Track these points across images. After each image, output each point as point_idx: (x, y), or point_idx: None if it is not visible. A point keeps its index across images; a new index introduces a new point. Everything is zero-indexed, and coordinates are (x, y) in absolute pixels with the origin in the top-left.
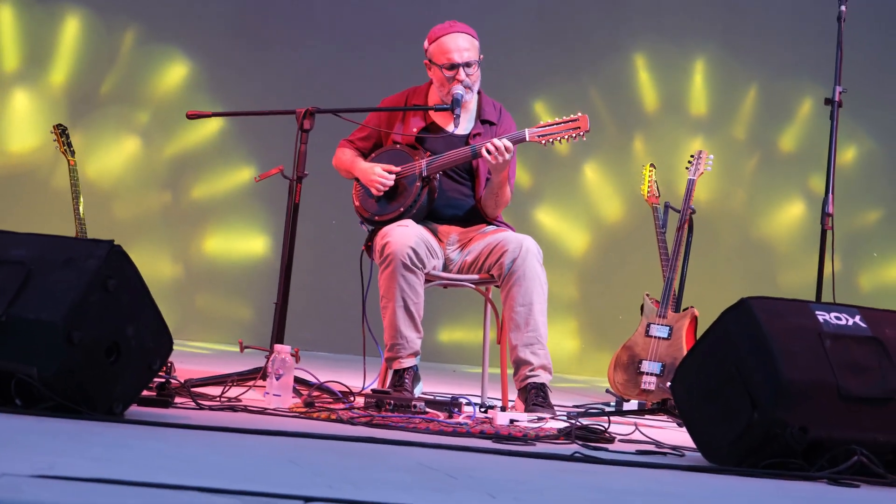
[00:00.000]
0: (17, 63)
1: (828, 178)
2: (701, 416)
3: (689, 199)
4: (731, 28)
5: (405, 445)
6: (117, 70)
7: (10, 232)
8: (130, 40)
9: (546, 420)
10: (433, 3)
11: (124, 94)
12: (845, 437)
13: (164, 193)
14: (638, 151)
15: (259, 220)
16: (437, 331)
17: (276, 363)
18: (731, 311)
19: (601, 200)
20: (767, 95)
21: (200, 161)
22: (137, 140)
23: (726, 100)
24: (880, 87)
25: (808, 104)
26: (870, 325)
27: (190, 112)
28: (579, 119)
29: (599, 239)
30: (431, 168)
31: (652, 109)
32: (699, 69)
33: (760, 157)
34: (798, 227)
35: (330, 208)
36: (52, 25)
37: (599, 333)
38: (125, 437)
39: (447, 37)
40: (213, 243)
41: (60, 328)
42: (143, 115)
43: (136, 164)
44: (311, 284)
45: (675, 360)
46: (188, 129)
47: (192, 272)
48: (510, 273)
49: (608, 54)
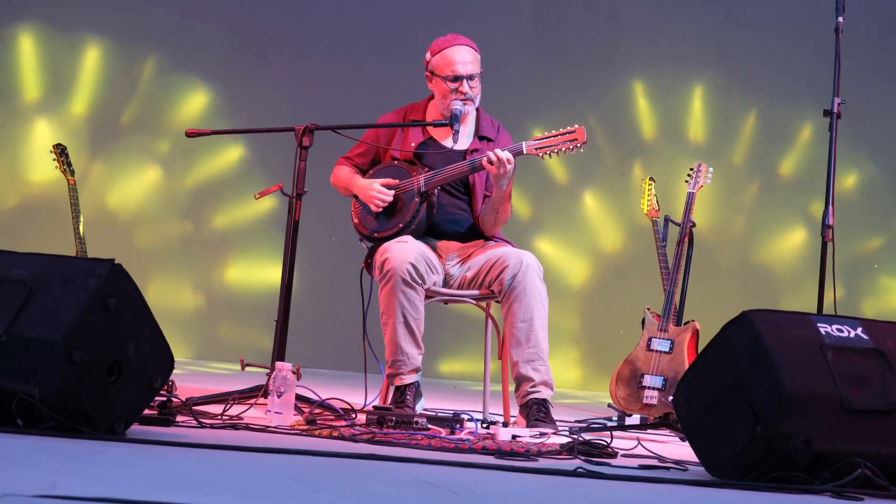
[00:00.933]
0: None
1: (827, 191)
2: (703, 429)
3: (689, 212)
4: (730, 53)
5: (407, 462)
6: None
7: (10, 252)
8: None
9: (548, 435)
10: (431, 20)
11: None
12: (848, 450)
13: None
14: (637, 178)
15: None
16: (438, 348)
17: (277, 381)
18: (732, 324)
19: (601, 228)
20: (767, 120)
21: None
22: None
23: (725, 125)
24: (879, 96)
25: (807, 129)
26: (872, 337)
27: (189, 130)
28: (576, 131)
29: (600, 267)
30: (430, 183)
31: (651, 136)
32: (698, 95)
33: (760, 183)
34: (799, 253)
35: (329, 225)
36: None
37: (600, 360)
38: (127, 455)
39: (451, 49)
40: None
41: (61, 347)
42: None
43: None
44: (312, 301)
45: (677, 373)
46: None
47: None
48: (511, 289)
49: (607, 81)
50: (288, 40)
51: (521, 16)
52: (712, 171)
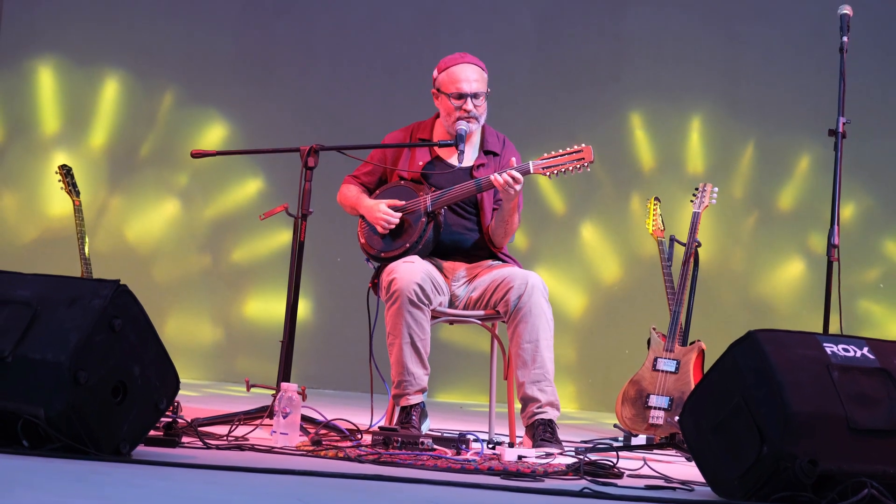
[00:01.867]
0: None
1: (833, 210)
2: (709, 449)
3: (695, 232)
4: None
5: (413, 483)
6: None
7: (15, 273)
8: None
9: (554, 456)
10: (435, 40)
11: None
12: (855, 470)
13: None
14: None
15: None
16: (444, 368)
17: (282, 401)
18: (738, 344)
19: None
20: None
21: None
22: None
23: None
24: (882, 118)
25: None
26: (878, 357)
27: (194, 151)
28: (583, 150)
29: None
30: (437, 204)
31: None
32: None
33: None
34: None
35: (335, 246)
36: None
37: (605, 381)
38: (132, 476)
39: (457, 66)
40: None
41: (66, 368)
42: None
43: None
44: (317, 322)
45: (683, 393)
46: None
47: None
48: (516, 309)
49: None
50: (294, 62)
51: (526, 38)
52: (717, 191)
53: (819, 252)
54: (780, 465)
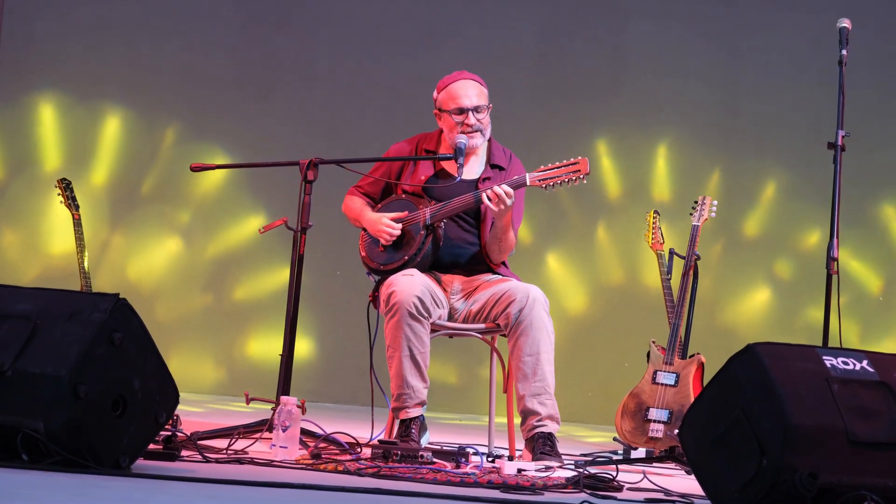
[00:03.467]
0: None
1: (832, 222)
2: (709, 462)
3: (694, 245)
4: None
5: (413, 496)
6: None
7: (15, 286)
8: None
9: (554, 469)
10: (436, 54)
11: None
12: (855, 483)
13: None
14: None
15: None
16: (443, 381)
17: (282, 415)
18: (737, 357)
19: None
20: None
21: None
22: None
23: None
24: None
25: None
26: (877, 370)
27: (193, 164)
28: (579, 162)
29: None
30: (436, 216)
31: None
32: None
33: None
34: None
35: (334, 259)
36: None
37: (605, 394)
38: (132, 490)
39: (455, 84)
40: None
41: (66, 382)
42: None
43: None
44: (316, 336)
45: (683, 407)
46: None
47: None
48: (517, 323)
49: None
50: (294, 77)
51: (526, 50)
52: (717, 204)
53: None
54: (781, 478)
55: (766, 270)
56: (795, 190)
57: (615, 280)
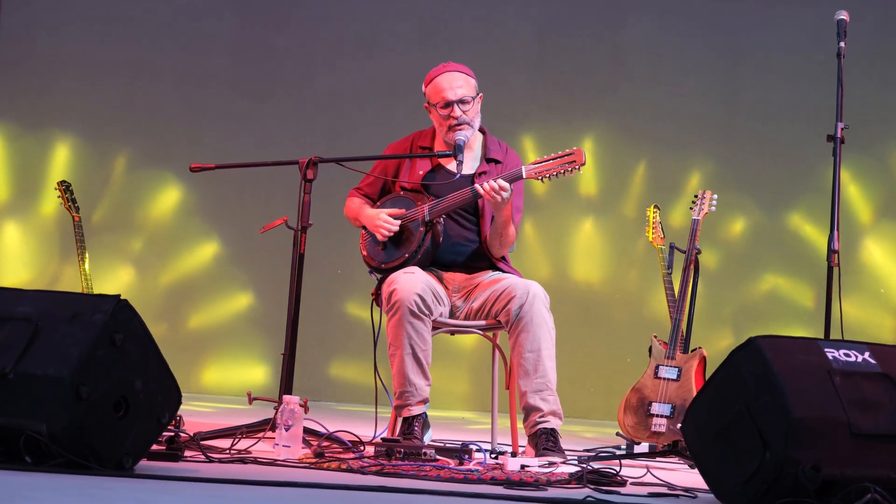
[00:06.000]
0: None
1: (832, 214)
2: (712, 456)
3: (695, 239)
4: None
5: (416, 493)
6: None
7: (16, 289)
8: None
9: (557, 465)
10: (434, 51)
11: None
12: (858, 475)
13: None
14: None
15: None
16: (444, 377)
17: (285, 414)
18: (739, 351)
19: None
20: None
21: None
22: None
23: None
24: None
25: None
26: (879, 362)
27: (193, 165)
28: (574, 153)
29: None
30: (434, 212)
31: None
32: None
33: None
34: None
35: (335, 258)
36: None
37: (607, 389)
38: (135, 491)
39: (440, 76)
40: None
41: (68, 384)
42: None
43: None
44: (318, 334)
45: (685, 401)
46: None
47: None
48: (518, 319)
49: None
50: (293, 76)
51: (525, 47)
52: (717, 198)
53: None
54: (784, 471)
55: (766, 266)
56: (794, 183)
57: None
